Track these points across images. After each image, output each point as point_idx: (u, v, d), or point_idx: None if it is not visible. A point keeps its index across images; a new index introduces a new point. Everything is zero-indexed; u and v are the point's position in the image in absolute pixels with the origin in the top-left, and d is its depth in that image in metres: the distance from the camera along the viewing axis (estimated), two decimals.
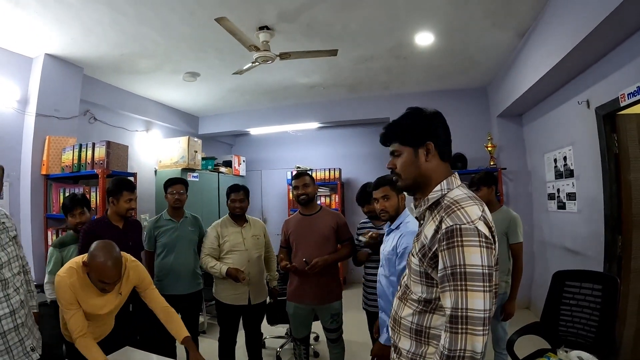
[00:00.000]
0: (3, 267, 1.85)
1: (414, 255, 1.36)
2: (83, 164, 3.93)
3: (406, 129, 1.43)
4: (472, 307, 1.13)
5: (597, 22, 2.66)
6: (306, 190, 3.05)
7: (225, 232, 3.26)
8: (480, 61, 4.64)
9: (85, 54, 4.16)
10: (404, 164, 1.42)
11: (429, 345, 1.33)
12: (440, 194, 1.34)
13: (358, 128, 7.33)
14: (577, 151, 3.80)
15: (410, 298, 1.39)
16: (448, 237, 1.19)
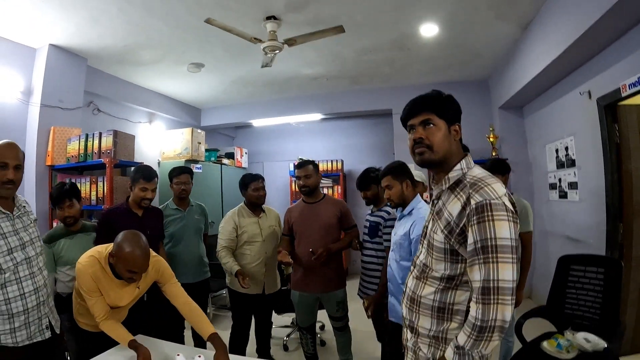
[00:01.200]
0: (26, 245, 1.96)
1: (437, 233, 1.40)
2: (89, 153, 3.98)
3: (447, 104, 1.46)
4: (503, 277, 1.20)
5: (599, 15, 2.76)
6: (307, 182, 3.06)
7: (243, 223, 3.20)
8: (482, 53, 4.75)
9: (90, 45, 4.21)
10: (440, 137, 1.42)
11: (451, 321, 1.39)
12: (461, 173, 1.40)
13: (360, 120, 7.44)
14: (579, 141, 3.92)
15: (431, 276, 1.43)
16: (478, 212, 1.25)
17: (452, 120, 1.44)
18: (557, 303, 2.88)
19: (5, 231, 1.89)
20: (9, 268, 1.86)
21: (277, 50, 3.70)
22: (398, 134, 6.10)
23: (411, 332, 1.53)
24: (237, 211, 3.28)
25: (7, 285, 1.85)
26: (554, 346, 2.44)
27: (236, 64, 4.89)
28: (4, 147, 1.91)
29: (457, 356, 1.28)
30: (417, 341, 1.49)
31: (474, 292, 1.26)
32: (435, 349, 1.42)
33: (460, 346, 1.27)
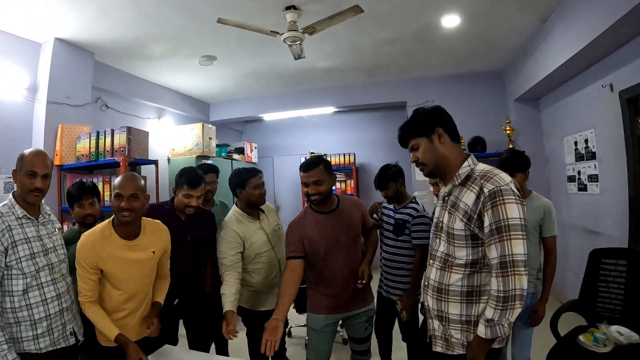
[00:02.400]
0: (49, 252, 2.05)
1: (456, 223, 1.62)
2: (101, 152, 3.90)
3: (416, 123, 1.76)
4: (516, 252, 1.46)
5: (626, 10, 2.81)
6: (319, 189, 2.37)
7: (248, 234, 2.69)
8: (500, 45, 4.80)
9: (98, 38, 4.13)
10: (424, 152, 1.73)
11: (479, 303, 1.60)
12: (469, 169, 1.65)
13: (372, 113, 7.53)
14: (599, 134, 3.98)
15: (456, 264, 1.64)
16: (492, 198, 1.50)
17: (427, 131, 1.72)
18: (589, 297, 2.91)
19: (29, 236, 1.98)
20: (31, 273, 1.94)
21: (298, 41, 3.65)
22: None
23: (439, 321, 1.71)
24: (236, 219, 2.73)
25: (29, 290, 1.93)
26: (590, 340, 2.48)
27: (250, 55, 4.85)
28: (34, 156, 2.04)
29: (488, 329, 1.49)
30: (449, 328, 1.66)
31: (492, 268, 1.51)
32: (467, 332, 1.62)
33: (489, 319, 1.49)
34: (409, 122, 1.80)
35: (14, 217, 1.94)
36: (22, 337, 1.92)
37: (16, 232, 1.93)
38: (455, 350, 1.65)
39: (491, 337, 1.49)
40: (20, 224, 1.96)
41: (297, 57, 4.06)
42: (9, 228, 1.90)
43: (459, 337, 1.64)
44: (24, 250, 1.93)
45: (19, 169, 2.00)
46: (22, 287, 1.91)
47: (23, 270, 1.92)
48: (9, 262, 1.89)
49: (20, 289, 1.91)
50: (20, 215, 1.96)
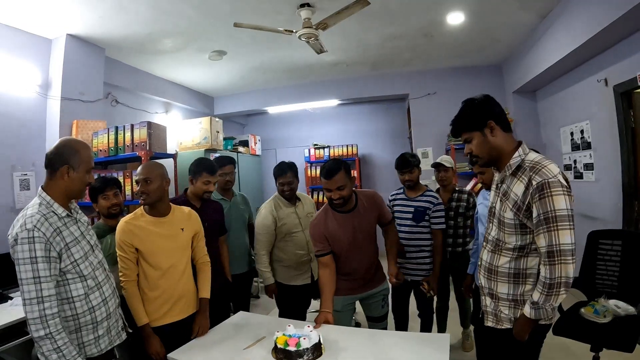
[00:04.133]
0: (94, 249, 2.05)
1: (507, 212, 1.81)
2: (121, 147, 4.08)
3: (468, 118, 1.89)
4: (563, 242, 1.62)
5: (622, 11, 3.14)
6: (342, 194, 2.57)
7: (281, 215, 3.27)
8: (500, 39, 5.18)
9: (109, 34, 4.30)
10: (477, 146, 1.87)
11: (525, 284, 1.82)
12: (520, 159, 1.79)
13: (374, 104, 7.89)
14: (595, 125, 4.37)
15: (505, 248, 1.85)
16: (540, 190, 1.65)
17: (481, 125, 1.84)
18: (588, 274, 3.21)
19: (76, 235, 1.92)
20: (90, 274, 1.92)
21: (312, 37, 3.89)
22: (416, 120, 6.60)
23: (491, 298, 1.96)
24: (274, 203, 3.34)
25: (90, 292, 1.91)
26: (591, 312, 2.78)
27: (260, 50, 5.11)
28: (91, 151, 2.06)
29: (533, 310, 1.71)
30: (498, 304, 1.91)
31: (541, 256, 1.68)
32: (515, 309, 1.86)
33: (535, 302, 1.70)
34: (461, 116, 1.92)
35: (57, 218, 1.85)
36: (84, 342, 1.89)
37: (66, 233, 1.86)
38: (504, 325, 1.89)
39: (535, 318, 1.72)
40: (64, 223, 1.88)
41: (319, 52, 4.32)
42: (58, 231, 1.82)
43: (507, 313, 1.87)
44: (78, 252, 1.89)
45: (77, 165, 1.91)
46: (84, 290, 1.88)
47: (82, 272, 1.88)
48: (64, 268, 1.82)
49: (82, 293, 1.87)
50: (63, 214, 1.88)
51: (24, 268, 1.70)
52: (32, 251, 1.70)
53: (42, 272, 1.71)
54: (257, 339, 2.34)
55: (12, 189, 3.83)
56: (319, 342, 2.11)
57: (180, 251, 2.51)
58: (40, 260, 1.71)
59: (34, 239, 1.71)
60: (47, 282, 1.73)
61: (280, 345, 2.07)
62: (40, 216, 1.78)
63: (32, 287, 1.69)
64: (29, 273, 1.70)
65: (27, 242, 1.70)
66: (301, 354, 2.02)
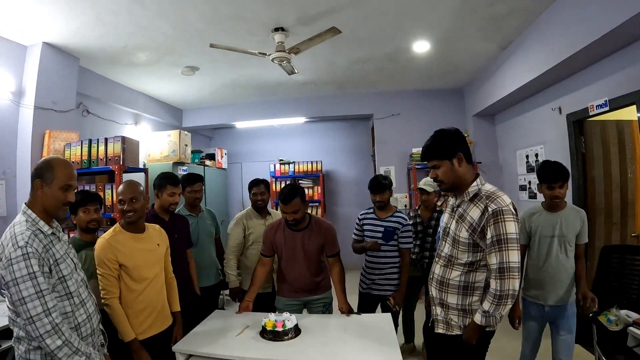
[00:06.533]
0: (77, 267, 2.09)
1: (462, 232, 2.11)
2: (94, 159, 4.22)
3: (440, 147, 2.19)
4: (512, 260, 1.95)
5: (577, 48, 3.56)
6: (296, 217, 3.09)
7: (251, 224, 3.78)
8: (462, 66, 5.70)
9: (85, 44, 4.44)
10: (444, 173, 2.18)
11: (473, 295, 2.14)
12: (477, 188, 2.14)
13: (339, 122, 8.34)
14: (548, 149, 4.85)
15: (457, 263, 2.16)
16: (494, 216, 1.98)
17: (451, 155, 2.16)
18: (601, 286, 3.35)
19: (62, 253, 1.96)
20: (75, 292, 1.97)
21: (285, 60, 4.22)
22: (380, 139, 7.03)
23: (441, 308, 2.25)
24: (246, 214, 3.87)
25: (76, 310, 1.95)
26: (604, 321, 3.01)
27: (231, 67, 5.42)
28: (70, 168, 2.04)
29: (484, 318, 2.02)
30: (448, 313, 2.21)
31: (492, 272, 2.00)
32: (464, 317, 2.16)
33: (486, 310, 2.01)
34: (434, 144, 2.20)
35: (43, 235, 1.88)
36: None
37: (54, 250, 1.91)
38: (454, 331, 2.18)
39: (484, 324, 2.03)
40: (50, 241, 1.91)
41: (290, 73, 4.62)
42: (47, 247, 1.86)
43: (456, 321, 2.18)
44: (66, 269, 1.94)
45: (50, 181, 1.93)
46: (70, 307, 1.92)
47: (69, 289, 1.93)
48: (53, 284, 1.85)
49: (69, 310, 1.91)
50: (48, 232, 1.92)
51: (24, 286, 1.72)
52: (28, 267, 1.73)
53: (42, 285, 1.75)
54: (243, 327, 2.86)
55: None
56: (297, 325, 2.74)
57: (159, 265, 2.75)
58: (39, 274, 1.75)
59: (28, 255, 1.75)
60: (49, 293, 1.78)
61: (269, 327, 2.66)
62: (30, 232, 1.82)
63: (37, 302, 1.73)
64: (31, 289, 1.73)
65: (22, 260, 1.74)
66: (287, 333, 2.65)
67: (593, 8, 3.31)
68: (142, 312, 2.56)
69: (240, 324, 2.93)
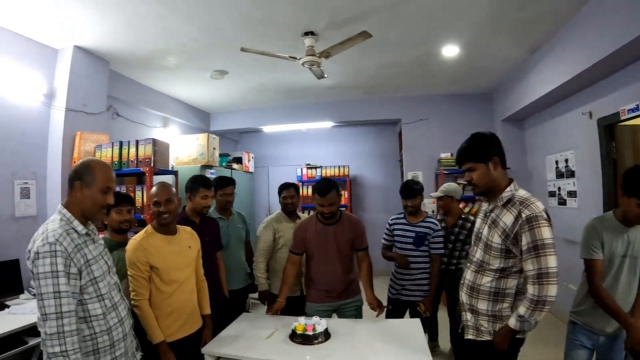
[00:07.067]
0: (110, 269, 2.10)
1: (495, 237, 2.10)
2: (124, 161, 4.30)
3: (478, 150, 2.18)
4: (550, 265, 1.92)
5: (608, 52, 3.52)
6: (332, 209, 3.16)
7: (281, 228, 3.79)
8: (491, 70, 5.69)
9: (115, 48, 4.57)
10: (479, 176, 2.17)
11: (504, 302, 2.12)
12: (511, 194, 2.12)
13: (367, 127, 8.38)
14: (578, 155, 4.79)
15: (488, 269, 2.15)
16: (529, 222, 1.96)
17: (487, 158, 2.15)
18: None
19: (95, 254, 1.97)
20: (107, 294, 1.97)
21: (315, 64, 4.25)
22: (408, 144, 7.03)
23: (471, 314, 2.25)
24: (275, 217, 3.90)
25: (107, 313, 1.94)
26: None
27: (261, 71, 5.50)
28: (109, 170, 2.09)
29: (519, 323, 2.00)
30: (478, 319, 2.20)
31: (529, 278, 1.97)
32: (494, 323, 2.15)
33: (521, 315, 1.99)
34: (470, 147, 2.20)
35: (77, 235, 1.89)
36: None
37: (87, 250, 1.91)
38: (484, 337, 2.17)
39: (519, 329, 2.02)
40: (84, 241, 1.92)
41: (319, 77, 4.66)
42: (79, 247, 1.87)
43: (486, 327, 2.16)
44: (98, 270, 1.94)
45: (89, 183, 1.96)
46: (102, 310, 1.91)
47: (100, 291, 1.93)
48: (83, 285, 1.85)
49: (99, 313, 1.90)
50: (82, 232, 1.93)
51: (44, 282, 1.71)
52: (53, 265, 1.73)
53: (62, 286, 1.73)
54: (273, 330, 2.90)
55: (12, 197, 3.97)
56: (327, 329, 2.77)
57: (190, 267, 2.77)
58: (62, 274, 1.74)
59: (55, 252, 1.74)
60: (67, 297, 1.74)
61: (299, 331, 2.70)
62: (63, 231, 1.82)
63: (52, 302, 1.71)
64: (49, 287, 1.71)
65: (48, 256, 1.73)
66: (317, 337, 2.68)
67: (624, 11, 3.29)
68: (172, 314, 2.58)
69: (269, 327, 2.96)
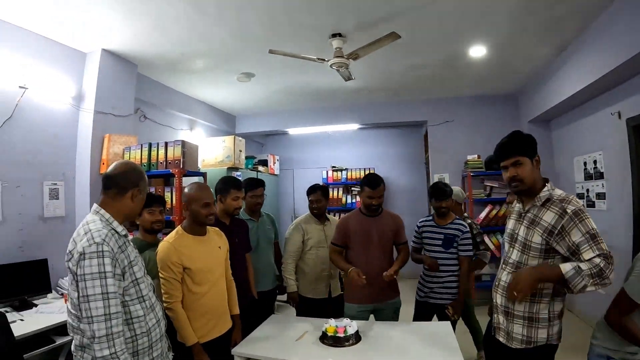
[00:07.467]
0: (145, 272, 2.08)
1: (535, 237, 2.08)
2: (154, 163, 4.34)
3: (525, 144, 2.17)
4: (607, 249, 1.90)
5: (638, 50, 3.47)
6: (380, 201, 3.34)
7: (309, 229, 3.85)
8: (518, 71, 5.66)
9: (143, 51, 4.65)
10: (528, 172, 2.13)
11: (540, 303, 2.11)
12: (549, 193, 2.12)
13: (391, 129, 8.39)
14: (607, 156, 4.72)
15: None
16: (577, 215, 1.96)
17: (533, 154, 2.16)
18: None
19: (134, 255, 1.98)
20: (147, 295, 1.97)
21: (343, 66, 4.26)
22: (434, 146, 7.03)
23: (504, 316, 2.23)
24: (304, 219, 3.95)
25: (147, 314, 1.94)
26: None
27: (288, 74, 5.54)
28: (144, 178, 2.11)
29: (573, 271, 1.89)
30: (512, 323, 2.17)
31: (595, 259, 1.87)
32: (528, 327, 2.12)
33: (581, 269, 1.89)
34: (518, 140, 2.18)
35: (117, 236, 1.88)
36: None
37: (129, 251, 1.92)
38: (514, 344, 2.15)
39: (568, 277, 1.90)
40: (124, 242, 1.91)
41: (347, 79, 4.68)
42: (122, 248, 1.86)
43: (519, 332, 2.13)
44: (139, 271, 1.95)
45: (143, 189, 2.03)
46: (143, 311, 1.91)
47: (142, 292, 1.93)
48: (126, 286, 1.85)
49: (141, 314, 1.90)
50: (122, 233, 1.92)
51: (92, 284, 1.69)
52: (100, 266, 1.71)
53: (110, 287, 1.71)
54: (302, 332, 2.93)
55: (41, 198, 4.05)
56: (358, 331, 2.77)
57: (221, 267, 2.81)
58: (110, 275, 1.72)
59: (102, 252, 1.72)
60: (115, 298, 1.73)
61: (331, 333, 2.71)
62: (107, 231, 1.81)
63: (100, 304, 1.68)
64: (97, 289, 1.69)
65: (95, 257, 1.71)
66: (348, 339, 2.69)
67: None
68: (205, 315, 2.59)
69: (298, 329, 2.99)
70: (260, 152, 8.41)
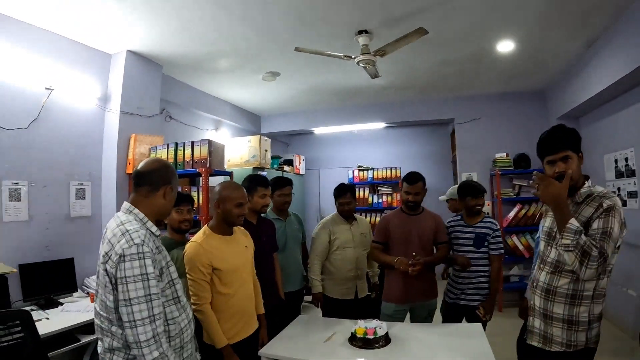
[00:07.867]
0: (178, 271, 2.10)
1: None
2: (180, 162, 4.35)
3: (574, 139, 2.10)
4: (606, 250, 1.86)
5: None
6: (417, 199, 3.41)
7: (337, 230, 3.79)
8: (546, 66, 5.55)
9: (168, 52, 4.69)
10: (576, 167, 2.06)
11: (581, 305, 2.02)
12: (589, 189, 2.08)
13: (417, 128, 8.37)
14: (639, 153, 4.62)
15: (566, 270, 2.04)
16: (607, 210, 1.94)
17: (578, 149, 2.10)
18: None
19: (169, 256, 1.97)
20: (182, 296, 1.96)
21: (370, 63, 4.23)
22: (461, 144, 6.96)
23: (541, 319, 2.16)
24: (332, 219, 3.90)
25: (180, 314, 1.92)
26: None
27: (313, 72, 5.54)
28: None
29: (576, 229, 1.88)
30: (551, 326, 2.10)
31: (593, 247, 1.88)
32: (568, 331, 2.05)
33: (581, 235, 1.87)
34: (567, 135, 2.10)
35: (153, 237, 1.86)
36: None
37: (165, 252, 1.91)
38: (553, 347, 2.10)
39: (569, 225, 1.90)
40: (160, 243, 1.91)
41: (373, 77, 4.66)
42: (159, 249, 1.85)
43: (559, 335, 2.07)
44: (175, 272, 1.94)
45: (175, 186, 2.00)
46: (178, 312, 1.90)
47: (177, 293, 1.92)
48: (163, 287, 1.83)
49: (176, 315, 1.89)
50: (157, 233, 1.90)
51: (134, 286, 1.66)
52: (142, 267, 1.69)
53: (153, 289, 1.70)
54: (331, 333, 2.92)
55: (68, 198, 4.11)
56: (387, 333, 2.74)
57: (249, 267, 2.80)
58: (152, 276, 1.71)
59: (143, 254, 1.70)
60: (157, 299, 1.72)
61: (360, 335, 2.68)
62: (145, 231, 1.79)
63: (145, 306, 1.67)
64: (141, 291, 1.67)
65: (137, 258, 1.68)
66: (377, 341, 2.66)
67: None
68: (234, 316, 2.58)
69: (327, 330, 2.98)
70: (285, 152, 8.41)
